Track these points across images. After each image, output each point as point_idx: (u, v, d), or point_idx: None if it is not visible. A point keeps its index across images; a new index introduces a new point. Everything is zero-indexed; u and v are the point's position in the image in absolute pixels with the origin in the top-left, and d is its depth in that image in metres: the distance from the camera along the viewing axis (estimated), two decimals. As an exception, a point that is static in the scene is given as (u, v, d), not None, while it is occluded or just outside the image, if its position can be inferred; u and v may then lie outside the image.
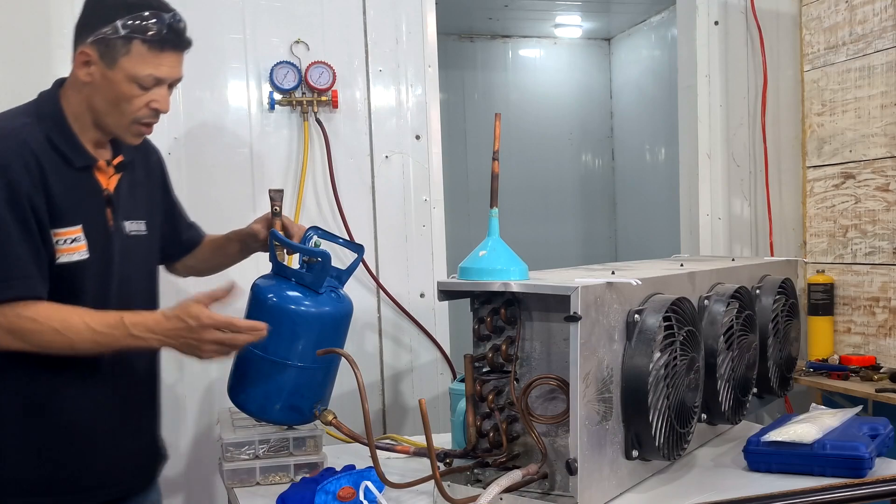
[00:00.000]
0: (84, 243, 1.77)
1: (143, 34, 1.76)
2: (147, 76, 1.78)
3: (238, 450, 1.90)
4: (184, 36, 1.86)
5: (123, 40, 1.75)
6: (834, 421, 1.88)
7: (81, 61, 1.79)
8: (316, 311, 1.89)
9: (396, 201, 3.01)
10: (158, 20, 1.78)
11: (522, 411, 1.60)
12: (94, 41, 1.77)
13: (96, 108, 1.81)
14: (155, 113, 1.83)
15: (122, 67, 1.76)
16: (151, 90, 1.80)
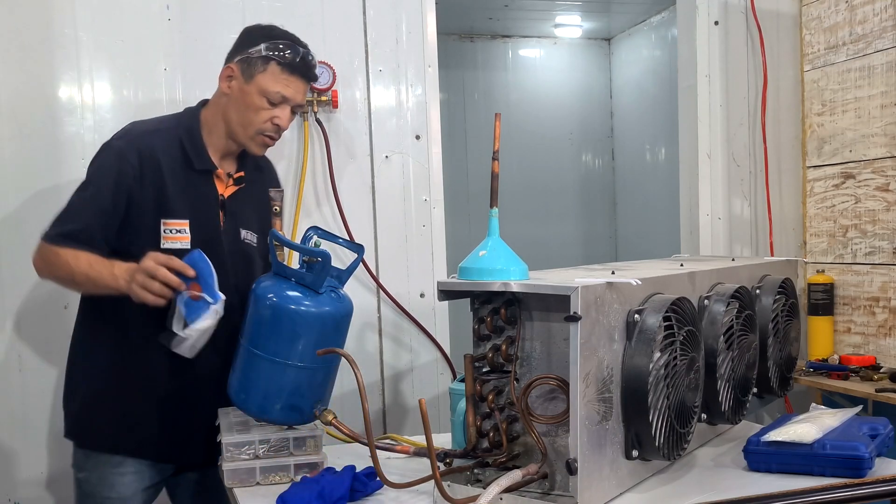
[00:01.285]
0: (188, 235, 2.09)
1: (279, 57, 2.11)
2: (276, 92, 2.11)
3: (238, 450, 1.90)
4: (312, 69, 2.19)
5: (262, 59, 2.11)
6: (834, 421, 1.88)
7: (226, 75, 2.15)
8: (316, 311, 1.89)
9: (396, 201, 3.01)
10: (294, 50, 2.13)
11: (522, 411, 1.60)
12: (239, 60, 2.13)
13: (229, 117, 2.14)
14: (276, 129, 2.15)
15: (257, 82, 2.10)
16: (277, 107, 2.12)
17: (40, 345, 2.69)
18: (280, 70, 2.10)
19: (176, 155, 2.11)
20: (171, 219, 2.08)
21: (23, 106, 2.66)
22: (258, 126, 2.13)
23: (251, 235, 2.22)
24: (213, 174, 2.16)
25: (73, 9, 2.69)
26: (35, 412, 2.68)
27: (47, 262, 2.07)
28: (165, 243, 2.07)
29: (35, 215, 2.67)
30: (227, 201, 2.18)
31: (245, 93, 2.11)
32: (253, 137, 2.15)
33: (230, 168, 2.21)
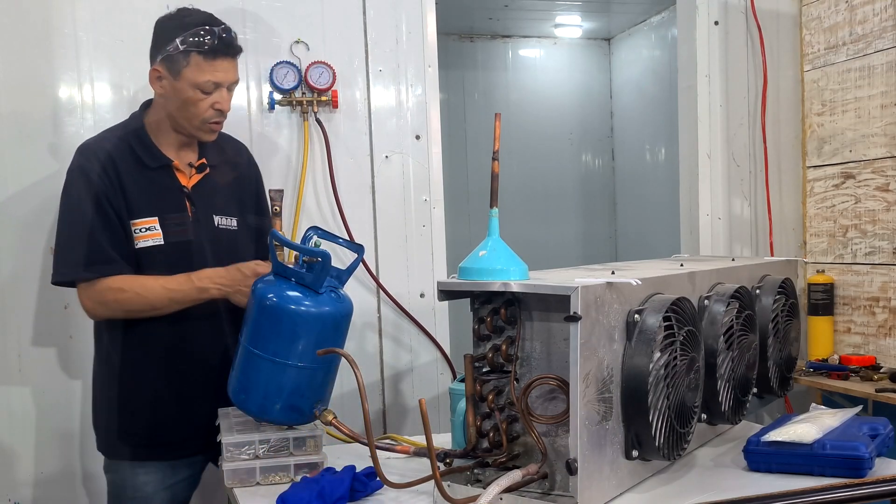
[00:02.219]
0: (159, 232, 2.13)
1: (198, 47, 2.09)
2: (206, 81, 2.11)
3: (238, 450, 1.90)
4: (233, 44, 2.16)
5: (183, 54, 2.10)
6: (834, 421, 1.88)
7: (154, 77, 2.17)
8: (316, 311, 1.89)
9: (396, 201, 3.01)
10: (210, 34, 2.11)
11: (522, 411, 1.60)
12: (162, 59, 2.14)
13: (172, 114, 2.17)
14: (219, 113, 2.17)
15: (186, 77, 2.11)
16: (213, 94, 2.13)
17: (40, 345, 2.69)
18: (203, 59, 2.10)
19: (129, 156, 2.16)
20: (138, 218, 2.13)
21: (23, 106, 2.66)
22: (201, 116, 2.15)
23: (228, 220, 2.24)
24: (171, 168, 2.19)
25: (73, 9, 2.69)
26: (35, 412, 2.68)
27: (108, 300, 2.11)
28: (139, 243, 2.12)
29: (35, 216, 2.67)
30: (193, 191, 2.20)
31: (178, 89, 2.13)
32: (200, 127, 2.18)
33: (190, 158, 2.24)
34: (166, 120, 2.19)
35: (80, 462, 2.72)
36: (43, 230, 2.68)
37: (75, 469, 2.72)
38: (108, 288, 2.09)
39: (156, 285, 2.10)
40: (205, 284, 2.08)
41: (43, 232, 2.68)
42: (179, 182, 2.20)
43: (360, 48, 2.96)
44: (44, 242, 2.68)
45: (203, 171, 2.23)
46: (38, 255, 2.67)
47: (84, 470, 2.72)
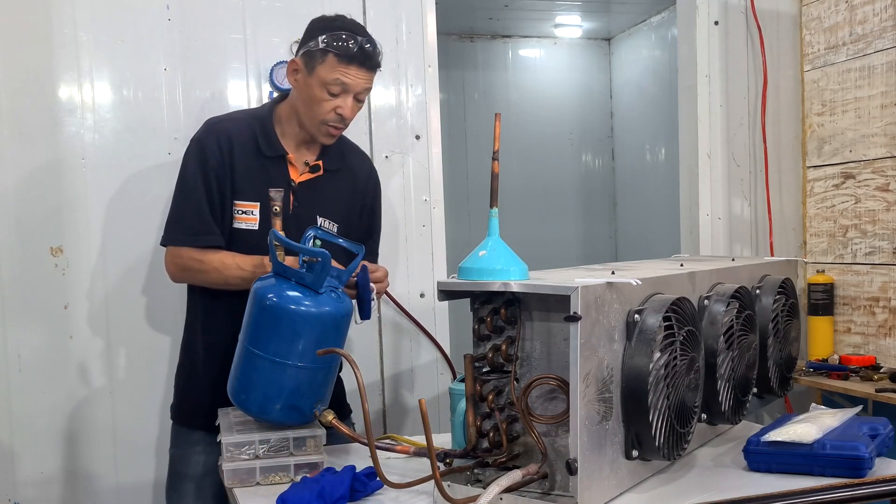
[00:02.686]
0: (256, 217, 2.23)
1: (336, 48, 2.16)
2: (334, 81, 2.17)
3: (238, 450, 1.90)
4: (372, 57, 2.21)
5: (321, 52, 2.17)
6: (834, 421, 1.88)
7: (291, 70, 2.24)
8: (316, 311, 1.89)
9: (396, 201, 3.01)
10: (351, 39, 2.17)
11: (522, 411, 1.60)
12: (302, 54, 2.21)
13: (298, 109, 2.25)
14: (340, 118, 2.22)
15: (318, 74, 2.18)
16: (339, 97, 2.19)
17: (40, 345, 2.69)
18: (338, 61, 2.16)
19: (248, 141, 2.25)
20: (241, 200, 2.23)
21: (23, 106, 2.66)
22: (322, 116, 2.21)
23: (329, 224, 2.31)
24: (285, 160, 2.27)
25: (73, 9, 2.69)
26: (35, 412, 2.68)
27: (188, 267, 2.23)
28: (236, 223, 2.23)
29: (35, 215, 2.67)
30: (299, 187, 2.27)
31: (308, 85, 2.20)
32: (318, 127, 2.23)
33: (308, 157, 2.31)
34: (294, 115, 2.26)
35: (80, 462, 2.72)
36: (43, 229, 2.68)
37: (75, 469, 2.72)
38: (191, 257, 2.21)
39: (232, 263, 2.18)
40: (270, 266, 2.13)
41: (42, 231, 2.68)
42: (289, 175, 2.27)
43: (360, 48, 2.96)
44: (44, 242, 2.68)
45: (316, 172, 2.30)
46: (38, 254, 2.68)
47: (84, 470, 2.72)
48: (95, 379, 2.74)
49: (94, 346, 2.73)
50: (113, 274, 2.73)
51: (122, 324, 2.75)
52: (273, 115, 2.31)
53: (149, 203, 2.73)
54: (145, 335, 2.76)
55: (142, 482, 2.76)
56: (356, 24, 2.25)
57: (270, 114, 2.31)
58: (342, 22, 2.23)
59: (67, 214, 2.70)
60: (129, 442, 2.75)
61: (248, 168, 2.24)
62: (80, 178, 2.71)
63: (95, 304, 2.73)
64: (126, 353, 2.76)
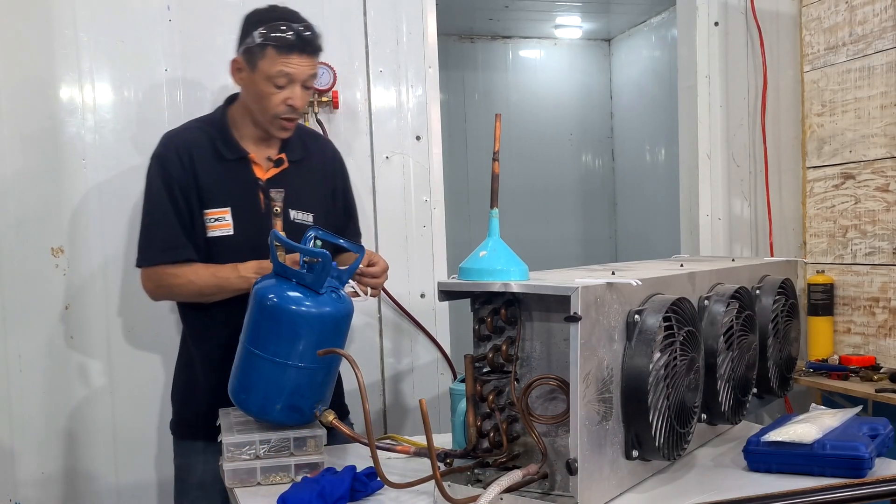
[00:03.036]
0: (230, 222, 2.20)
1: (274, 40, 2.14)
2: (278, 73, 2.14)
3: (239, 450, 1.90)
4: (311, 42, 2.20)
5: (259, 46, 2.15)
6: (834, 421, 1.88)
7: (234, 69, 2.22)
8: (316, 312, 1.89)
9: (397, 202, 3.01)
10: (287, 28, 2.15)
11: (523, 411, 1.60)
12: (242, 51, 2.19)
13: (249, 107, 2.23)
14: (291, 109, 2.19)
15: (261, 69, 2.15)
16: (286, 88, 2.17)
17: (40, 345, 2.69)
18: (277, 52, 2.14)
19: (207, 148, 2.23)
20: (211, 208, 2.20)
21: (23, 107, 2.67)
22: (273, 110, 2.19)
23: (304, 215, 2.29)
24: (248, 161, 2.25)
25: (74, 9, 2.70)
26: (35, 412, 2.68)
27: (164, 284, 2.21)
28: (210, 232, 2.21)
29: (35, 216, 2.68)
30: (267, 184, 2.24)
31: (253, 81, 2.18)
32: (272, 122, 2.21)
33: (270, 152, 2.28)
34: (247, 114, 2.25)
35: (80, 462, 2.72)
36: (43, 230, 2.68)
37: (76, 469, 2.72)
38: (166, 273, 2.19)
39: (206, 273, 2.16)
40: (247, 274, 2.12)
41: (43, 232, 2.68)
42: (254, 174, 2.25)
43: (361, 49, 2.97)
44: (45, 242, 2.69)
45: (281, 166, 2.28)
46: (38, 254, 2.68)
47: (85, 470, 2.73)
48: (96, 379, 2.74)
49: (94, 346, 2.73)
50: (113, 274, 2.73)
51: (122, 324, 2.75)
52: (227, 117, 2.28)
53: (149, 203, 2.73)
54: (146, 335, 2.77)
55: (142, 482, 2.76)
56: (290, 12, 2.22)
57: (224, 117, 2.28)
58: (276, 12, 2.21)
59: (68, 215, 2.70)
60: (129, 442, 2.75)
61: (212, 175, 2.21)
62: (81, 179, 2.71)
63: (96, 305, 2.73)
64: (127, 353, 2.77)
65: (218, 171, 2.22)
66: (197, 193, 2.20)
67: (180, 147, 2.22)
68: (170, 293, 2.25)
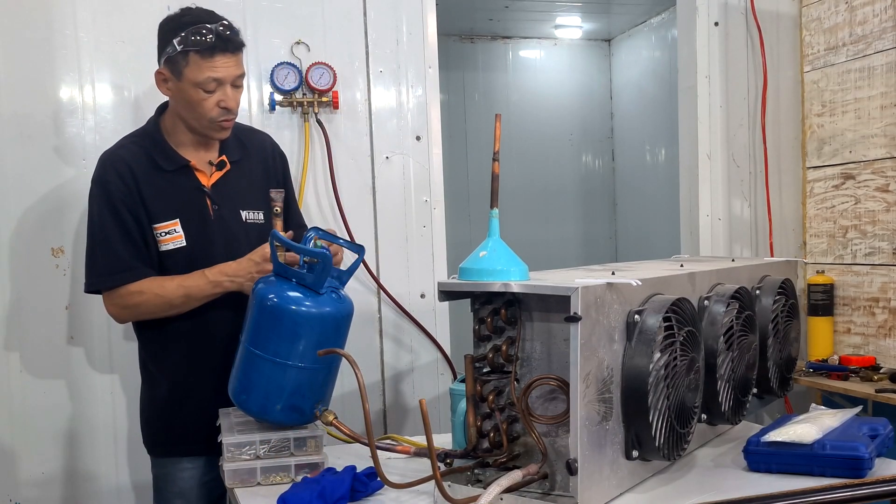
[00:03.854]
0: (180, 234, 2.16)
1: (195, 46, 2.07)
2: (206, 79, 2.09)
3: (239, 450, 1.90)
4: (232, 40, 2.13)
5: (182, 54, 2.09)
6: (834, 421, 1.88)
7: (160, 80, 2.17)
8: (317, 312, 1.90)
9: (397, 202, 3.01)
10: (206, 31, 2.08)
11: (523, 411, 1.60)
12: (164, 61, 2.13)
13: (182, 115, 2.17)
14: (226, 111, 2.14)
15: (187, 77, 2.09)
16: (216, 91, 2.11)
17: (40, 345, 2.69)
18: (200, 58, 2.08)
19: (146, 162, 2.17)
20: (159, 222, 2.15)
21: (24, 107, 2.67)
22: (208, 115, 2.14)
23: (255, 214, 2.25)
24: (189, 169, 2.20)
25: (74, 10, 2.70)
26: (35, 412, 2.68)
27: (129, 304, 2.16)
28: (163, 246, 2.16)
29: (36, 216, 2.68)
30: (213, 190, 2.21)
31: (182, 90, 2.12)
32: (209, 126, 2.16)
33: (210, 157, 2.24)
34: (180, 121, 2.19)
35: (81, 462, 2.72)
36: (43, 230, 2.68)
37: (76, 469, 2.72)
38: (128, 293, 2.13)
39: (172, 284, 2.13)
40: (217, 278, 2.10)
41: (43, 232, 2.68)
42: (199, 182, 2.20)
43: (361, 49, 2.97)
44: (44, 242, 2.69)
45: (223, 169, 2.23)
46: (38, 255, 2.68)
47: (84, 470, 2.73)
48: (96, 379, 2.74)
49: (94, 347, 2.73)
50: (114, 274, 2.73)
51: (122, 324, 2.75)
52: (160, 128, 2.23)
53: (149, 204, 2.73)
54: (146, 335, 2.76)
55: (143, 482, 2.76)
56: (206, 12, 2.17)
57: (157, 128, 2.23)
58: (191, 15, 2.15)
59: (69, 215, 2.70)
60: (129, 442, 2.75)
61: (155, 189, 2.16)
62: (82, 179, 2.71)
63: (96, 305, 2.72)
64: (127, 353, 2.76)
65: (161, 183, 2.16)
66: (144, 209, 2.14)
67: (119, 165, 2.15)
68: (136, 312, 2.18)
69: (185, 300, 2.12)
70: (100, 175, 2.17)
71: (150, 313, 2.17)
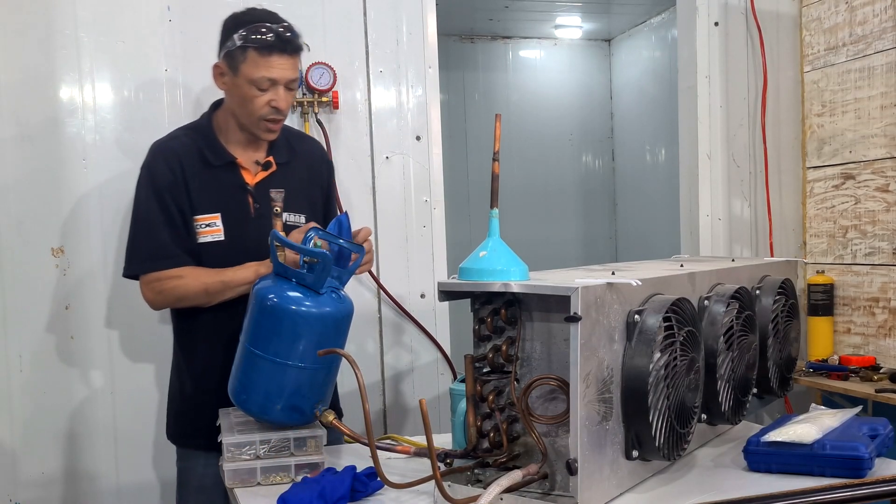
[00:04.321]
0: (220, 228, 2.20)
1: (253, 42, 2.12)
2: (261, 77, 2.14)
3: (239, 450, 1.90)
4: (291, 42, 2.17)
5: (240, 50, 2.14)
6: (834, 421, 1.88)
7: (217, 74, 2.21)
8: (317, 312, 1.90)
9: (397, 202, 3.02)
10: (267, 30, 2.13)
11: (523, 411, 1.60)
12: (223, 56, 2.18)
13: (234, 111, 2.22)
14: (275, 111, 2.19)
15: (243, 73, 2.15)
16: (269, 91, 2.16)
17: (40, 345, 2.69)
18: (258, 55, 2.13)
19: (195, 155, 2.22)
20: (201, 214, 2.20)
21: (24, 107, 2.67)
22: (258, 113, 2.18)
23: (296, 217, 2.29)
24: (236, 165, 2.24)
25: (74, 9, 2.70)
26: (36, 412, 2.68)
27: (165, 289, 2.19)
28: (201, 238, 2.20)
29: (35, 216, 2.68)
30: (256, 189, 2.25)
31: (236, 85, 2.17)
32: (257, 124, 2.21)
33: (258, 156, 2.28)
34: (232, 118, 2.24)
35: (81, 462, 2.72)
36: (44, 230, 2.68)
37: (76, 469, 2.72)
38: (167, 277, 2.18)
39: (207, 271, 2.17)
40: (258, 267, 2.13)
41: (43, 232, 2.68)
42: (243, 179, 2.25)
43: (361, 49, 2.97)
44: (45, 243, 2.69)
45: (269, 169, 2.27)
46: (38, 255, 2.68)
47: (84, 470, 2.73)
48: (96, 379, 2.74)
49: (94, 347, 2.73)
50: (114, 274, 2.73)
51: (122, 324, 2.75)
52: (212, 123, 2.28)
53: (149, 203, 2.74)
54: (146, 335, 2.76)
55: (143, 482, 2.76)
56: (269, 13, 2.21)
57: (210, 123, 2.28)
58: (254, 14, 2.20)
59: (68, 215, 2.70)
60: (129, 442, 2.75)
61: (201, 181, 2.21)
62: (82, 179, 2.71)
63: (96, 305, 2.73)
64: (127, 353, 2.77)
65: (206, 177, 2.21)
66: (188, 200, 2.20)
67: (169, 155, 2.21)
68: (171, 297, 2.21)
69: (222, 287, 2.15)
70: (149, 162, 2.23)
71: (186, 300, 2.20)
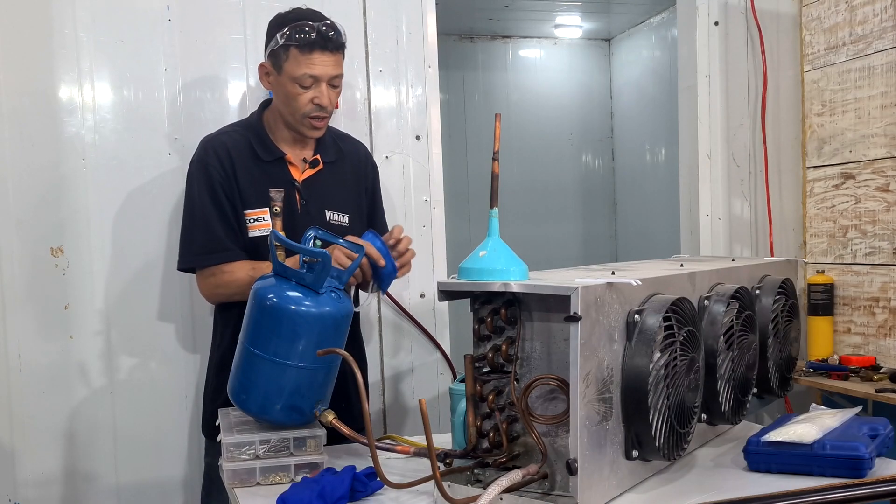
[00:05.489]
0: (269, 222, 2.23)
1: (295, 41, 2.18)
2: (303, 75, 2.20)
3: (238, 450, 1.90)
4: (333, 39, 2.21)
5: (283, 48, 2.20)
6: (834, 421, 1.88)
7: (262, 73, 2.29)
8: (316, 312, 1.89)
9: (397, 201, 3.01)
10: (308, 28, 2.18)
11: (523, 411, 1.60)
12: (268, 55, 2.25)
13: (280, 110, 2.29)
14: (319, 108, 2.24)
15: (286, 71, 2.21)
16: (312, 88, 2.22)
17: (41, 345, 2.69)
18: (300, 53, 2.18)
19: (245, 150, 2.29)
20: (250, 209, 2.26)
21: (23, 106, 2.67)
22: (302, 110, 2.24)
23: (340, 216, 2.35)
24: (284, 161, 2.31)
25: (74, 9, 2.70)
26: (35, 412, 2.68)
27: (221, 284, 2.24)
28: (251, 232, 2.26)
29: (35, 215, 2.68)
30: (303, 185, 2.31)
31: (281, 84, 2.24)
32: (301, 122, 2.26)
33: (305, 154, 2.35)
34: (279, 117, 2.30)
35: (80, 462, 2.72)
36: (44, 230, 2.68)
37: (76, 469, 2.72)
38: (222, 272, 2.23)
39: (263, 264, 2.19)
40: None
41: (44, 232, 2.68)
42: (291, 175, 2.31)
43: (361, 48, 2.96)
44: (45, 242, 2.68)
45: (316, 167, 2.33)
46: (38, 255, 2.68)
47: (84, 470, 2.73)
48: (96, 379, 2.74)
49: (94, 346, 2.73)
50: (113, 274, 2.73)
51: (122, 323, 2.75)
52: (262, 121, 2.34)
53: (149, 203, 2.74)
54: (146, 335, 2.76)
55: (143, 482, 2.76)
56: (312, 12, 2.27)
57: (260, 120, 2.35)
58: (297, 13, 2.25)
59: (68, 215, 2.70)
60: (129, 442, 2.75)
61: (251, 176, 2.27)
62: (81, 179, 2.71)
63: (96, 305, 2.73)
64: (127, 352, 2.77)
65: (256, 172, 2.27)
66: (239, 195, 2.25)
67: (219, 149, 2.27)
68: (228, 292, 2.24)
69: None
70: (200, 157, 2.28)
71: (240, 294, 2.19)
